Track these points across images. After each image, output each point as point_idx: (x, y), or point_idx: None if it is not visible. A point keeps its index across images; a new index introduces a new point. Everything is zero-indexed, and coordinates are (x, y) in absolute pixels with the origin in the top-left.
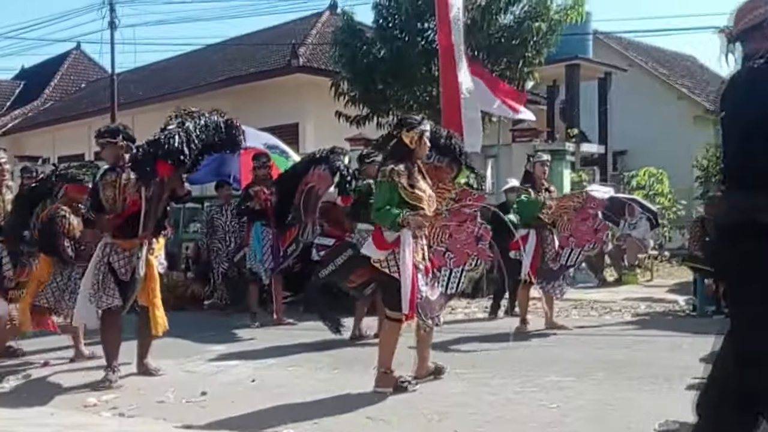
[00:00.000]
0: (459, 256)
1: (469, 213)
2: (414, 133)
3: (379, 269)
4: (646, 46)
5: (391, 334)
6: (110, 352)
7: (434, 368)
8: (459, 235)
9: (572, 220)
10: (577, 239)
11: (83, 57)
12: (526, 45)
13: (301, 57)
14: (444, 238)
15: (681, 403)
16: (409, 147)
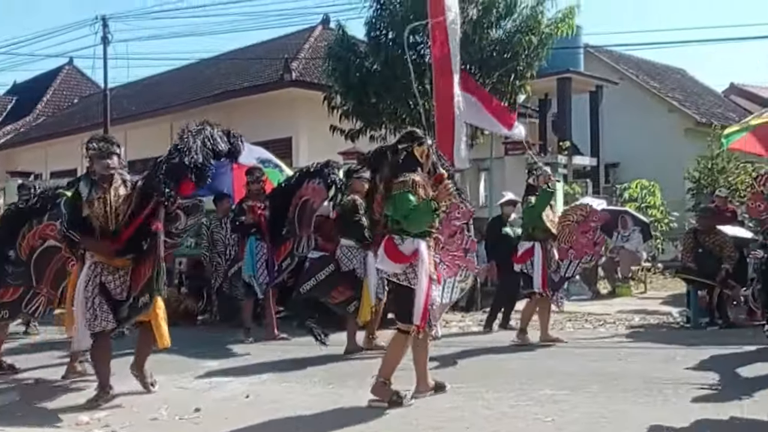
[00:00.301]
0: (450, 268)
1: (458, 225)
2: (424, 147)
3: (397, 283)
4: (637, 59)
5: (400, 347)
6: (103, 374)
7: (435, 385)
8: (450, 247)
9: (573, 233)
10: (577, 251)
11: (76, 72)
12: (517, 58)
13: (294, 71)
14: (437, 250)
15: (676, 415)
16: (419, 160)
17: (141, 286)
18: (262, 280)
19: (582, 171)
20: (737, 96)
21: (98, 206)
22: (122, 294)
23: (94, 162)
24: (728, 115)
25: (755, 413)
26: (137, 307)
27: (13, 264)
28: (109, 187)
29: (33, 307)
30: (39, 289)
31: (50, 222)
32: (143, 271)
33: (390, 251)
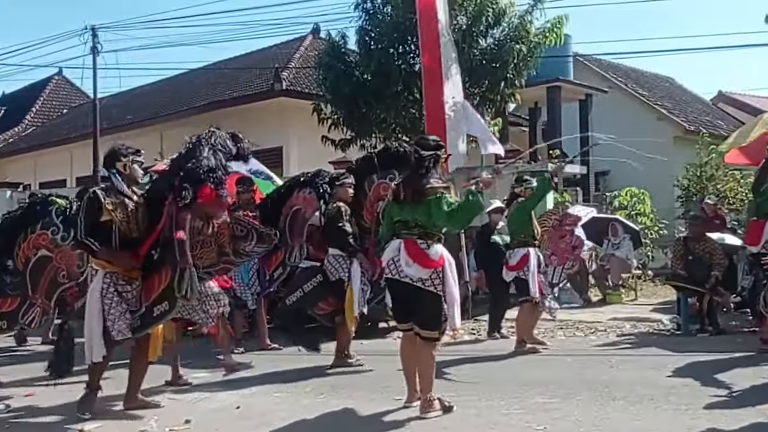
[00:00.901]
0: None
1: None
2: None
3: (422, 288)
4: (626, 68)
5: (431, 357)
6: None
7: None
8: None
9: (552, 238)
10: (559, 257)
11: (65, 82)
12: (506, 67)
13: (285, 81)
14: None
15: (667, 423)
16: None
17: (155, 295)
18: (254, 290)
19: (572, 179)
20: (725, 104)
21: (120, 212)
22: (136, 304)
23: (134, 168)
24: (716, 123)
25: (746, 419)
26: (153, 316)
27: (11, 274)
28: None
29: (29, 318)
30: (34, 300)
31: (42, 231)
32: (157, 280)
33: (418, 256)
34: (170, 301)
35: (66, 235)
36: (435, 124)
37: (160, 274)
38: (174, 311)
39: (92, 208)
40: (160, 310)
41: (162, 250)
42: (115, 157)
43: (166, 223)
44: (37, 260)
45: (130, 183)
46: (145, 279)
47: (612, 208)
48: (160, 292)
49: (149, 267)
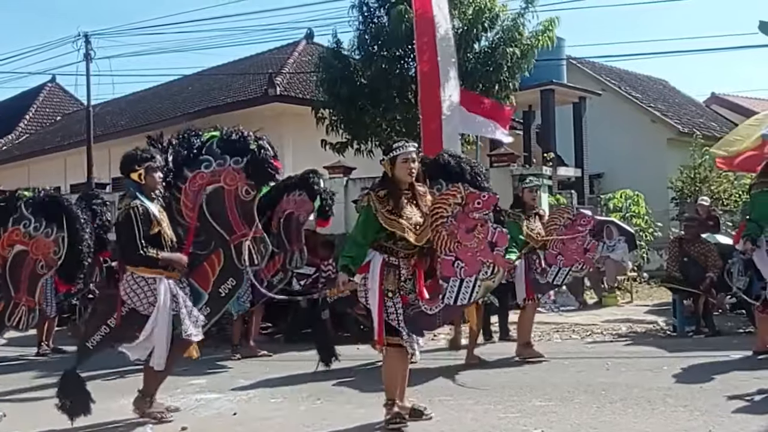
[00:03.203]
0: (471, 265)
1: (478, 218)
2: (388, 158)
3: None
4: (619, 70)
5: (386, 364)
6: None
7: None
8: (469, 243)
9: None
10: (566, 258)
11: (58, 90)
12: (500, 70)
13: (279, 86)
14: (452, 247)
15: (664, 425)
16: (388, 173)
17: (214, 278)
18: (245, 299)
19: (566, 182)
20: (718, 106)
21: (164, 220)
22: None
23: (151, 176)
24: (710, 124)
25: (742, 420)
26: (221, 297)
27: None
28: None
29: (16, 320)
30: (18, 299)
31: (14, 227)
32: (209, 267)
33: None
34: (236, 276)
35: (38, 225)
36: (431, 129)
37: (211, 259)
38: (244, 283)
39: (144, 221)
40: (227, 288)
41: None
42: (130, 167)
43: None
44: (14, 257)
45: (148, 192)
46: (192, 271)
47: (606, 211)
48: (218, 273)
49: (191, 260)
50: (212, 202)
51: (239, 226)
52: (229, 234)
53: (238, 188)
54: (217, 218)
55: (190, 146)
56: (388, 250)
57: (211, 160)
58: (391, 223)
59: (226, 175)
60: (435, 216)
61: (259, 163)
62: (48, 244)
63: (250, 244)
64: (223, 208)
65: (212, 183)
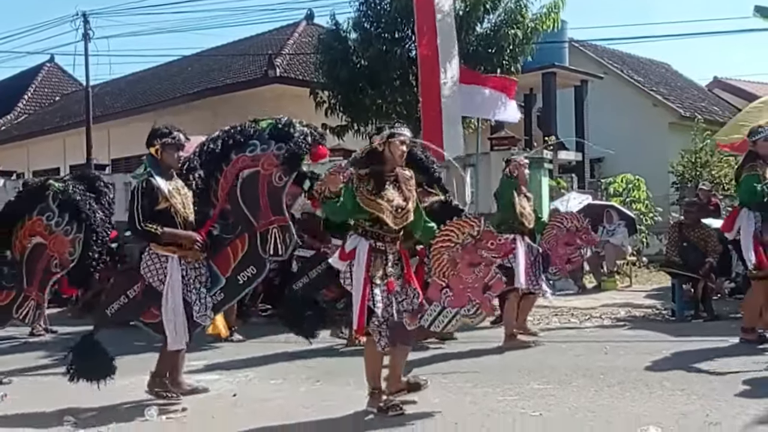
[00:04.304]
0: (458, 298)
1: (486, 257)
2: (380, 137)
3: (342, 282)
4: (621, 53)
5: (368, 352)
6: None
7: (407, 384)
8: (466, 276)
9: (558, 238)
10: (552, 260)
11: (57, 70)
12: (502, 53)
13: (278, 68)
14: (448, 273)
15: (662, 409)
16: (376, 152)
17: (234, 264)
18: None
19: (567, 166)
20: (721, 90)
21: (178, 198)
22: (207, 284)
23: (167, 153)
24: (712, 108)
25: (739, 405)
26: (239, 284)
27: (9, 265)
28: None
29: (23, 312)
30: (28, 293)
31: (38, 217)
32: (231, 251)
33: (341, 248)
34: (257, 264)
35: (60, 220)
36: (431, 111)
37: (235, 243)
38: (264, 273)
39: (147, 195)
40: (246, 275)
41: (230, 220)
42: (150, 140)
43: (226, 194)
44: (33, 249)
45: (165, 169)
46: (214, 255)
47: (607, 195)
48: (240, 260)
49: (214, 243)
50: (247, 187)
51: (268, 213)
52: (256, 220)
53: (272, 173)
54: (249, 203)
55: (244, 132)
56: (374, 235)
57: (257, 144)
58: (369, 203)
59: (266, 160)
60: (443, 237)
61: (296, 150)
62: (65, 243)
63: (277, 233)
64: (256, 193)
65: (251, 167)
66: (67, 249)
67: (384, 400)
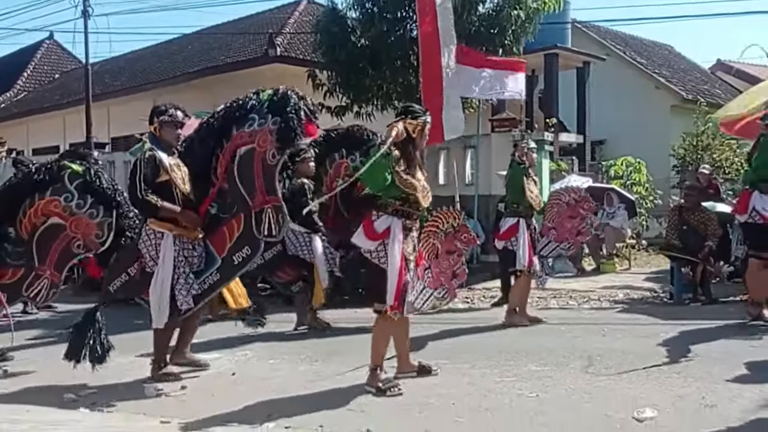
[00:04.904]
0: (434, 280)
1: (459, 248)
2: (418, 123)
3: (369, 260)
4: (624, 35)
5: (381, 330)
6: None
7: (419, 367)
8: (443, 261)
9: (560, 213)
10: (558, 234)
11: (56, 47)
12: (504, 33)
13: (279, 47)
14: (431, 255)
15: (659, 391)
16: (410, 135)
17: (230, 245)
18: None
19: (568, 148)
20: (724, 72)
21: (178, 173)
22: (201, 265)
23: (165, 130)
24: (714, 91)
25: (736, 388)
26: (234, 265)
27: (13, 243)
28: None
29: (34, 291)
30: (41, 271)
31: (54, 197)
32: (227, 231)
33: (366, 227)
34: (252, 245)
35: (82, 202)
36: (432, 92)
37: (231, 223)
38: (258, 254)
39: (149, 167)
40: (241, 256)
41: (227, 200)
42: (150, 118)
43: (225, 173)
44: (47, 228)
45: (164, 146)
46: (210, 234)
47: (608, 178)
48: (235, 240)
49: (211, 222)
50: (243, 164)
51: (262, 193)
52: (252, 200)
53: (267, 151)
54: (245, 181)
55: (244, 105)
56: (404, 214)
57: (255, 119)
58: (405, 182)
59: (261, 136)
60: (433, 223)
61: (289, 124)
62: (91, 226)
63: (271, 213)
64: (252, 171)
65: (248, 144)
66: (93, 231)
67: (383, 380)
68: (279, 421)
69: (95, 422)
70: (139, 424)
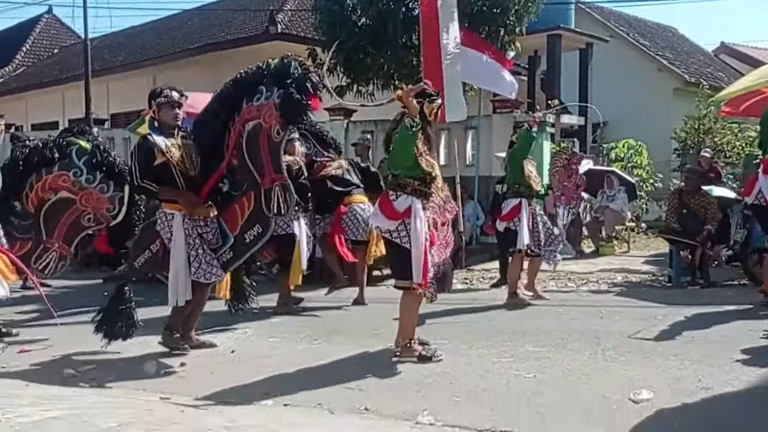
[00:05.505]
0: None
1: (448, 218)
2: (434, 106)
3: (390, 240)
4: (628, 16)
5: (409, 305)
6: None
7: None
8: (440, 233)
9: (561, 179)
10: (566, 197)
11: (55, 22)
12: (507, 13)
13: (280, 24)
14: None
15: (655, 373)
16: (427, 118)
17: (242, 222)
18: None
19: (569, 130)
20: (727, 55)
21: (177, 153)
22: (217, 241)
23: (163, 111)
24: (717, 74)
25: (732, 371)
26: (246, 243)
27: (20, 216)
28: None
29: (43, 263)
30: (49, 244)
31: (62, 172)
32: (238, 209)
33: (384, 207)
34: (263, 223)
35: (91, 177)
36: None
37: (241, 201)
38: (269, 232)
39: (144, 152)
40: (252, 234)
41: (237, 177)
42: (149, 101)
43: (234, 148)
44: (56, 203)
45: (164, 128)
46: (223, 212)
47: (608, 160)
48: (247, 218)
49: (224, 199)
50: (251, 140)
51: (270, 170)
52: (261, 177)
53: (271, 127)
54: (254, 158)
55: (254, 77)
56: (422, 194)
57: (262, 91)
58: (425, 161)
59: (267, 110)
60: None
61: (291, 97)
62: (102, 200)
63: (279, 192)
64: (259, 147)
65: (255, 119)
66: (104, 206)
67: (425, 348)
68: (277, 398)
69: (95, 397)
70: (139, 400)
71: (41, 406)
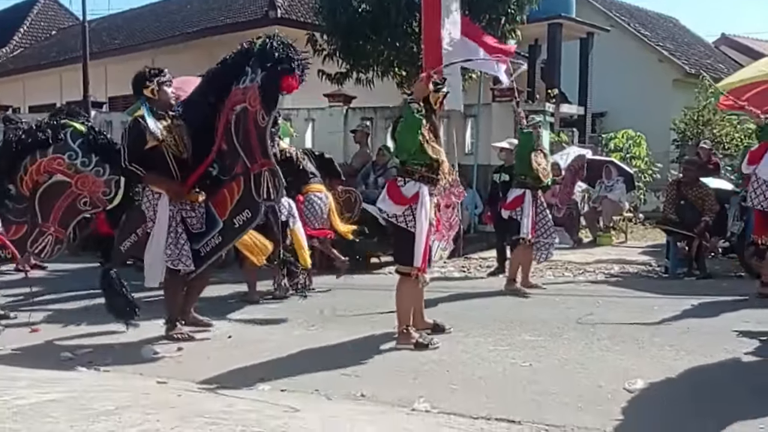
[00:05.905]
0: (439, 233)
1: (454, 201)
2: (440, 95)
3: (396, 224)
4: (629, 6)
5: (407, 291)
6: (173, 308)
7: (434, 324)
8: (443, 215)
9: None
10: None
11: (53, 3)
12: (508, 2)
13: (279, 8)
14: (436, 213)
15: (650, 363)
16: (433, 106)
17: (231, 207)
18: None
19: (569, 120)
20: (728, 47)
21: (169, 136)
22: (201, 227)
23: (164, 90)
24: (718, 66)
25: (727, 362)
26: (235, 228)
27: (14, 200)
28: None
29: (39, 247)
30: (45, 227)
31: (57, 155)
32: (228, 193)
33: (392, 192)
34: (252, 209)
35: (87, 160)
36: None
37: (231, 186)
38: (258, 217)
39: (134, 135)
40: (242, 219)
41: (227, 162)
42: (142, 82)
43: (223, 132)
44: (51, 186)
45: (161, 108)
46: (212, 196)
47: (607, 150)
48: (236, 203)
49: (213, 184)
50: (239, 124)
51: (258, 155)
52: (250, 162)
53: (257, 111)
54: (242, 142)
55: (242, 57)
56: (429, 180)
57: (248, 73)
58: (432, 148)
59: (251, 94)
60: None
61: (269, 81)
62: (97, 183)
63: (268, 177)
64: (247, 131)
65: (241, 102)
66: (100, 189)
67: (421, 335)
68: (274, 383)
69: (92, 381)
70: (136, 384)
71: (39, 388)
